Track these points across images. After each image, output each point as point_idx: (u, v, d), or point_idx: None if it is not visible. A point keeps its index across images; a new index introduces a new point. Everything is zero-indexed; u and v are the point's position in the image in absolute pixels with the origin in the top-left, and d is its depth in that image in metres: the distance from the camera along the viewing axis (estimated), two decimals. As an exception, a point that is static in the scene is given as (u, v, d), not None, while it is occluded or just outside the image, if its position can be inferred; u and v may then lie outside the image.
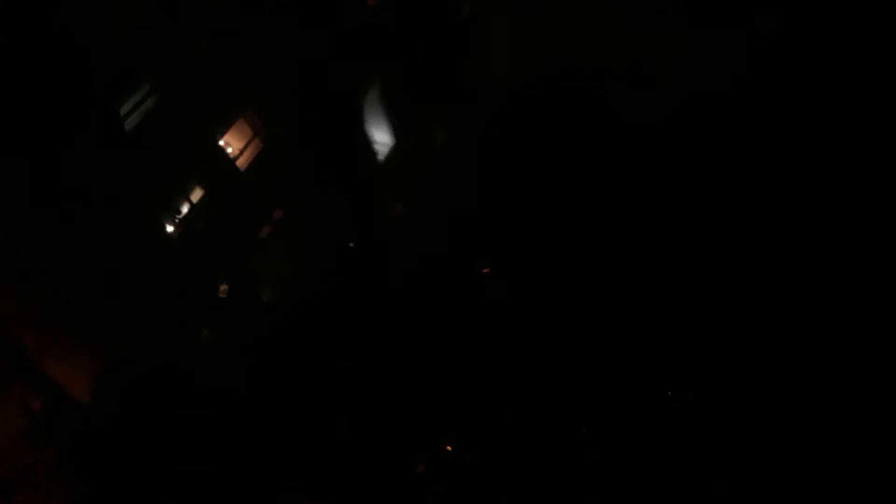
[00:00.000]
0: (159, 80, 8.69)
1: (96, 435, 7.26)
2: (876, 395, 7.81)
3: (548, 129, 11.38)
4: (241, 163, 10.64)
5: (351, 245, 11.61)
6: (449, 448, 8.96)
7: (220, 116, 10.10)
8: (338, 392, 9.11)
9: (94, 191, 7.65)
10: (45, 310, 7.06)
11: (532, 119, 11.58)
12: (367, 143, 12.87)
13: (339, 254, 11.44)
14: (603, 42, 11.15)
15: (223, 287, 9.79)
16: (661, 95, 10.75)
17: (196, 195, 9.81)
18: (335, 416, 8.87)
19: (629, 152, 10.54)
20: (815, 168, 9.29)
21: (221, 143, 10.29)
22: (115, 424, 7.40)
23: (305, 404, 8.96)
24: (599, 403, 8.84)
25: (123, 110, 8.31)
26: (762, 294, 8.89)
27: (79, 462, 7.02)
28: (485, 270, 10.38)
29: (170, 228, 9.27)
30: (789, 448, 7.94)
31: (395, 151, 12.98)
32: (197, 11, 9.14)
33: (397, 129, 12.94)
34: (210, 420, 8.24)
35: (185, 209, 9.60)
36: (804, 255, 8.92)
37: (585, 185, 10.56)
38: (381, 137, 12.94)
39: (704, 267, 9.34)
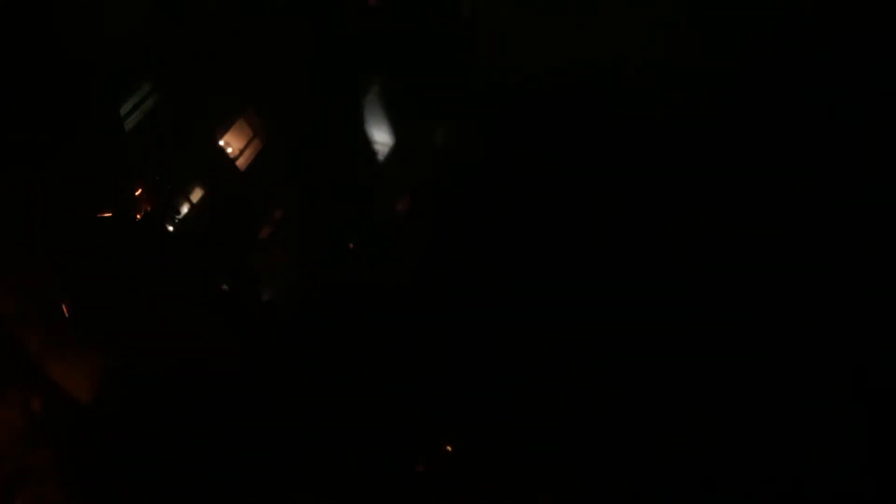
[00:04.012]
0: (159, 80, 8.70)
1: (96, 435, 7.26)
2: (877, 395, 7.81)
3: (549, 130, 11.38)
4: (241, 163, 10.65)
5: (351, 245, 11.61)
6: (449, 448, 8.95)
7: (220, 116, 10.10)
8: (337, 392, 9.11)
9: (94, 190, 7.65)
10: (45, 310, 7.06)
11: (533, 119, 11.58)
12: (367, 144, 12.87)
13: (339, 254, 11.44)
14: (604, 42, 11.15)
15: (223, 287, 9.79)
16: (663, 96, 10.75)
17: (196, 195, 9.81)
18: (335, 416, 8.86)
19: (630, 152, 10.53)
20: (816, 167, 9.29)
21: (221, 143, 10.30)
22: (115, 424, 7.40)
23: (306, 404, 8.95)
24: (600, 403, 8.83)
25: (123, 110, 8.32)
26: (760, 296, 8.88)
27: (79, 462, 7.03)
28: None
29: (170, 228, 9.28)
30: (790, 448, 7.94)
31: (395, 151, 12.98)
32: (197, 11, 9.14)
33: (397, 129, 12.94)
34: (210, 420, 8.24)
35: (185, 209, 9.61)
36: (803, 255, 8.92)
37: (587, 186, 10.56)
38: (381, 137, 12.94)
39: (704, 266, 9.33)
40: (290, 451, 8.44)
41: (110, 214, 8.06)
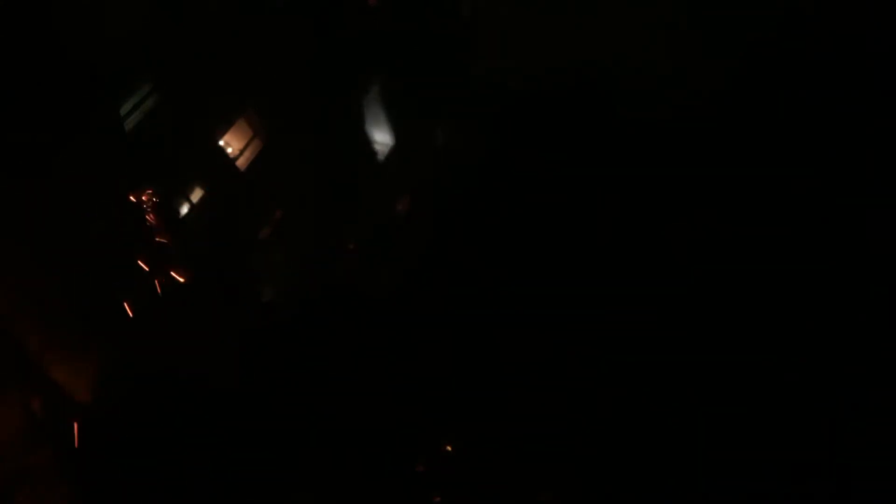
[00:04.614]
0: (159, 80, 8.70)
1: (96, 435, 7.26)
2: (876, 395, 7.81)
3: (549, 130, 11.38)
4: (241, 163, 10.65)
5: (351, 245, 11.61)
6: (449, 448, 8.95)
7: (220, 116, 10.10)
8: (338, 392, 9.11)
9: (94, 191, 7.66)
10: (45, 310, 7.06)
11: (533, 119, 11.58)
12: (367, 144, 12.87)
13: (339, 254, 11.44)
14: (604, 42, 11.14)
15: (223, 287, 9.79)
16: (663, 96, 10.74)
17: (196, 195, 9.81)
18: (335, 416, 8.86)
19: (630, 152, 10.54)
20: (816, 167, 9.29)
21: (221, 143, 10.30)
22: (115, 424, 7.40)
23: (306, 404, 8.95)
24: (600, 403, 8.83)
25: (123, 110, 8.32)
26: (761, 296, 8.88)
27: (79, 462, 7.03)
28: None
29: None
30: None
31: (395, 151, 12.98)
32: (197, 11, 9.14)
33: (397, 129, 12.94)
34: (210, 420, 8.24)
35: (185, 209, 9.60)
36: (803, 255, 8.92)
37: (587, 186, 10.56)
38: (381, 137, 12.94)
39: (703, 267, 9.34)
40: (290, 451, 8.44)
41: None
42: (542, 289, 9.84)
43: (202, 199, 9.85)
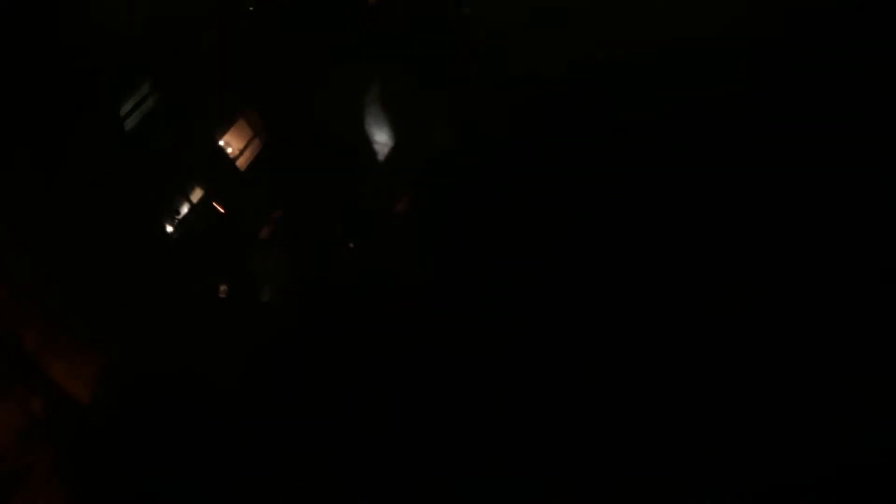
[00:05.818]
0: (159, 80, 8.70)
1: (96, 435, 7.26)
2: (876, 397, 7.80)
3: (549, 129, 11.38)
4: (241, 163, 10.65)
5: (351, 245, 11.61)
6: (447, 447, 8.95)
7: (220, 116, 10.10)
8: (337, 392, 9.11)
9: (94, 190, 7.66)
10: (45, 310, 7.07)
11: (534, 119, 11.58)
12: (367, 144, 12.88)
13: (340, 254, 11.44)
14: (604, 42, 11.15)
15: (223, 287, 9.79)
16: (663, 96, 10.74)
17: (196, 195, 9.81)
18: (335, 417, 8.87)
19: (630, 152, 10.54)
20: (818, 170, 9.29)
21: (221, 143, 10.30)
22: (115, 425, 7.40)
23: (305, 405, 8.96)
24: (600, 403, 8.84)
25: (123, 110, 8.32)
26: (765, 295, 8.88)
27: (79, 462, 7.03)
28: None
29: (170, 228, 9.28)
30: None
31: (395, 151, 12.99)
32: (197, 11, 9.15)
33: (397, 129, 12.94)
34: (209, 420, 8.24)
35: (185, 209, 9.61)
36: (806, 256, 8.92)
37: (587, 185, 10.56)
38: (381, 137, 12.94)
39: (705, 268, 9.34)
40: (290, 452, 8.44)
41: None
42: (542, 289, 9.84)
43: (202, 199, 9.85)
